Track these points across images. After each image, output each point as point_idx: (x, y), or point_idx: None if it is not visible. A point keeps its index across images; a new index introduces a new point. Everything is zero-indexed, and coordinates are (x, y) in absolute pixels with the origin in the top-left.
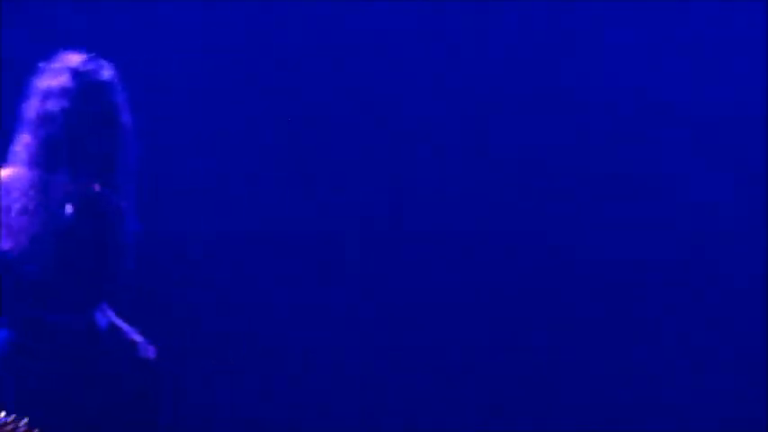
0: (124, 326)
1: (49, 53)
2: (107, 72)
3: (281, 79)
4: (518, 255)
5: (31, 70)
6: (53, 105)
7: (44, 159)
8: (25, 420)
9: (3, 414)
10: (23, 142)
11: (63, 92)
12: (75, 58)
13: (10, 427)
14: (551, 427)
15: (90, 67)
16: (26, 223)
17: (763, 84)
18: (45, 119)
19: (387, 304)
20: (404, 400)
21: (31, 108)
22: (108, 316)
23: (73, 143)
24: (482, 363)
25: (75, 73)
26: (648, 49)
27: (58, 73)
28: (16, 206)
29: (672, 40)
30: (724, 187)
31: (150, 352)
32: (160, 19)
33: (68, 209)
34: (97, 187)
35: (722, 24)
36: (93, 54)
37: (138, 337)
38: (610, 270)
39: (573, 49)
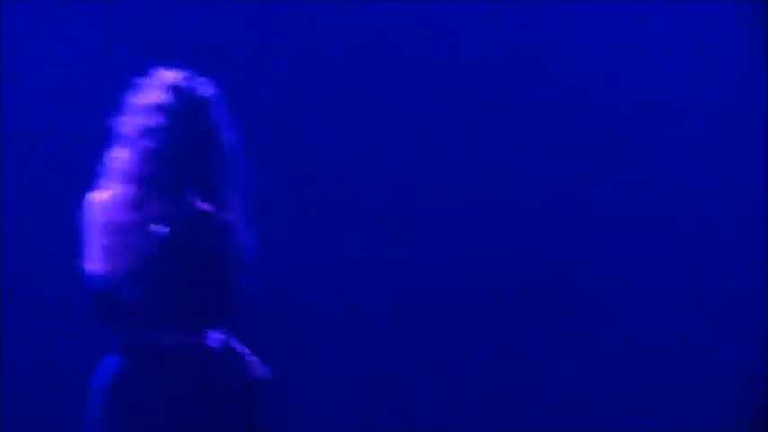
0: (238, 345)
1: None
2: (207, 89)
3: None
4: (518, 255)
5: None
6: (153, 122)
7: (143, 177)
8: None
9: None
10: (120, 159)
11: (163, 109)
12: (173, 74)
13: None
14: (554, 428)
15: (190, 83)
16: (126, 244)
17: (762, 81)
18: (144, 136)
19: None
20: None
21: (129, 124)
22: (221, 336)
23: (173, 160)
24: (484, 363)
25: (176, 89)
26: (645, 48)
27: (156, 89)
28: (113, 226)
29: (666, 37)
30: (723, 187)
31: (265, 372)
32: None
33: (171, 228)
34: (200, 205)
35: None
36: (192, 70)
37: (252, 357)
38: (610, 270)
39: (568, 48)
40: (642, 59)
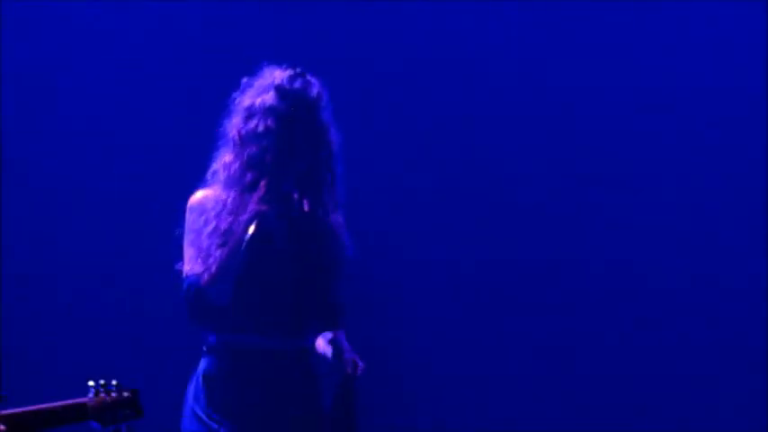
0: (341, 344)
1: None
2: (314, 89)
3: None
4: (519, 256)
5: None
6: (257, 125)
7: (246, 183)
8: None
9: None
10: (224, 162)
11: (269, 111)
12: (279, 74)
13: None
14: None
15: (297, 83)
16: (224, 247)
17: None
18: (249, 138)
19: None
20: None
21: (233, 126)
22: (322, 336)
23: (279, 165)
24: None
25: (282, 90)
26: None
27: (262, 90)
28: (212, 228)
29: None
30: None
31: (359, 368)
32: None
33: (273, 233)
34: (306, 207)
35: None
36: (298, 69)
37: (352, 355)
38: (611, 270)
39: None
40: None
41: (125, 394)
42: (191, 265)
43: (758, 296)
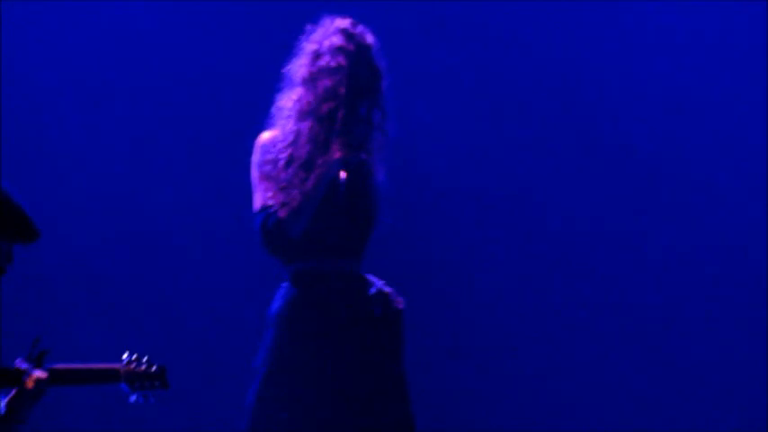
0: (378, 279)
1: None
2: (370, 35)
3: None
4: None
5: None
6: (329, 62)
7: (324, 111)
8: (146, 358)
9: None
10: (294, 98)
11: (338, 50)
12: (342, 21)
13: (134, 366)
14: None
15: (358, 29)
16: (301, 177)
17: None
18: (321, 74)
19: None
20: None
21: (301, 66)
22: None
23: (350, 95)
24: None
25: (347, 34)
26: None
27: (327, 34)
28: (288, 157)
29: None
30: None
31: (401, 303)
32: None
33: (339, 169)
34: (362, 147)
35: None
36: (356, 19)
37: (388, 288)
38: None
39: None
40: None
41: (154, 368)
42: (264, 198)
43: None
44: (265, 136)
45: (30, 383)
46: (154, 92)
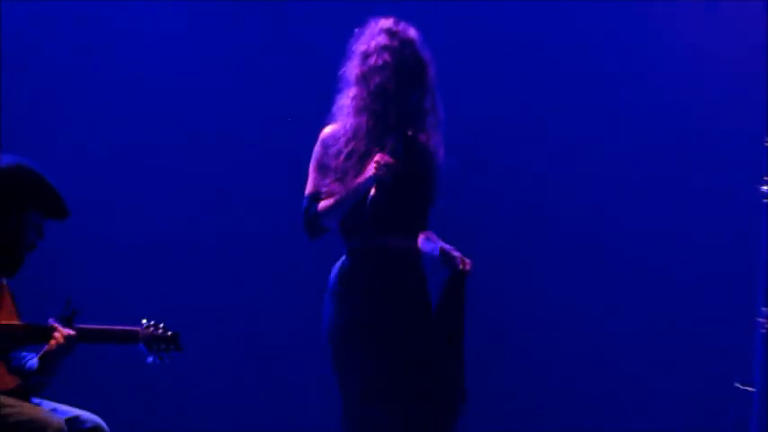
0: (443, 244)
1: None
2: (413, 30)
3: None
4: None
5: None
6: (376, 60)
7: (378, 107)
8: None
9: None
10: (350, 95)
11: (383, 48)
12: (385, 21)
13: (152, 330)
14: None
15: (400, 26)
16: (356, 169)
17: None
18: (371, 73)
19: None
20: None
21: (354, 68)
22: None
23: (399, 90)
24: None
25: (390, 32)
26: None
27: (373, 35)
28: (350, 150)
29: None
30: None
31: (468, 264)
32: None
33: (397, 156)
34: (417, 135)
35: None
36: (397, 17)
37: (456, 252)
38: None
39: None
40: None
41: (169, 332)
42: (315, 185)
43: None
44: (327, 130)
45: (60, 339)
46: (159, 93)
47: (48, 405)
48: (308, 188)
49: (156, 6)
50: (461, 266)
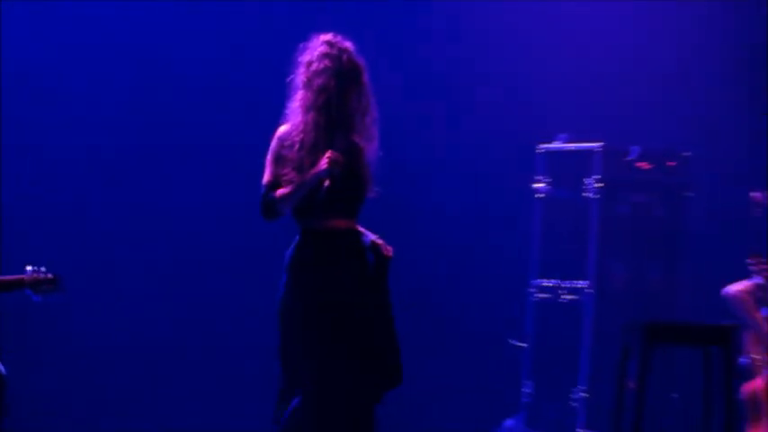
0: (371, 235)
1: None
2: (347, 42)
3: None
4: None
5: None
6: (318, 65)
7: (320, 102)
8: None
9: None
10: (299, 97)
11: (324, 56)
12: (325, 35)
13: (36, 275)
14: None
15: (338, 38)
16: (309, 159)
17: None
18: (315, 76)
19: None
20: None
21: (300, 74)
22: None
23: (339, 88)
24: None
25: (329, 43)
26: None
27: (315, 46)
28: (300, 142)
29: None
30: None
31: (389, 250)
32: None
33: (338, 149)
34: (353, 132)
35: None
36: (335, 33)
37: (380, 241)
38: None
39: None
40: None
41: (50, 275)
42: (272, 174)
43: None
44: (282, 128)
45: None
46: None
47: None
48: (266, 178)
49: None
50: (385, 253)
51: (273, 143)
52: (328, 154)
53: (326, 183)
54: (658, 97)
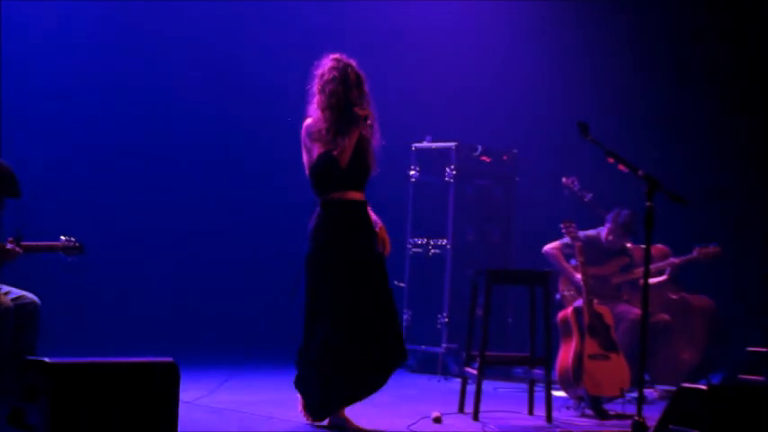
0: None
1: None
2: (352, 59)
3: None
4: None
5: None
6: (328, 76)
7: (333, 102)
8: None
9: None
10: (316, 99)
11: (332, 68)
12: (331, 54)
13: (67, 243)
14: None
15: (343, 56)
16: (335, 141)
17: None
18: (326, 83)
19: None
20: None
21: (315, 84)
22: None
23: (345, 91)
24: None
25: (336, 59)
26: None
27: (326, 62)
28: (324, 130)
29: None
30: None
31: (387, 243)
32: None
33: (350, 137)
34: (368, 120)
35: None
36: (339, 51)
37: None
38: None
39: None
40: None
41: (78, 244)
42: (317, 152)
43: None
44: (308, 121)
45: (11, 251)
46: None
47: (3, 288)
48: (313, 155)
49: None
50: (382, 246)
51: (303, 134)
52: (356, 109)
53: (368, 121)
54: (499, 106)
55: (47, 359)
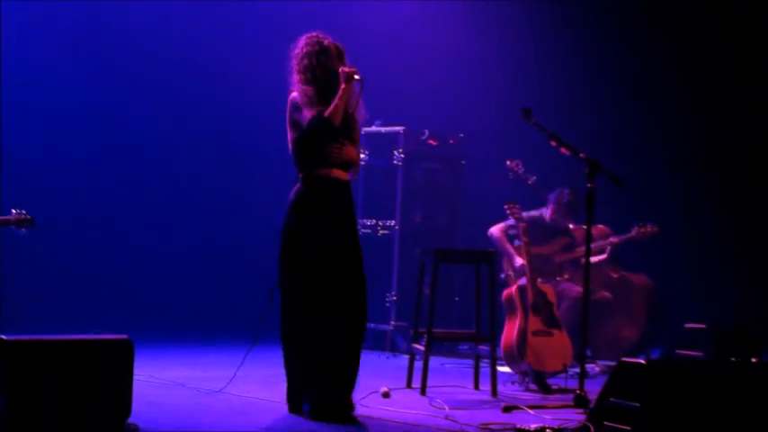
0: None
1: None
2: (324, 38)
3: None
4: None
5: None
6: (304, 54)
7: (309, 77)
8: None
9: None
10: (297, 76)
11: (306, 45)
12: (305, 34)
13: (19, 215)
14: None
15: (313, 33)
16: (319, 128)
17: None
18: (302, 59)
19: None
20: None
21: (294, 64)
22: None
23: (320, 67)
24: None
25: (310, 36)
26: None
27: (300, 43)
28: (311, 97)
29: None
30: None
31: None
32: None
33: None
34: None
35: None
36: (316, 29)
37: None
38: None
39: None
40: None
41: (29, 216)
42: (309, 115)
43: None
44: (294, 95)
45: None
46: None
47: None
48: (305, 120)
49: None
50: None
51: (288, 108)
52: (341, 68)
53: (357, 77)
54: (446, 92)
55: (2, 336)
